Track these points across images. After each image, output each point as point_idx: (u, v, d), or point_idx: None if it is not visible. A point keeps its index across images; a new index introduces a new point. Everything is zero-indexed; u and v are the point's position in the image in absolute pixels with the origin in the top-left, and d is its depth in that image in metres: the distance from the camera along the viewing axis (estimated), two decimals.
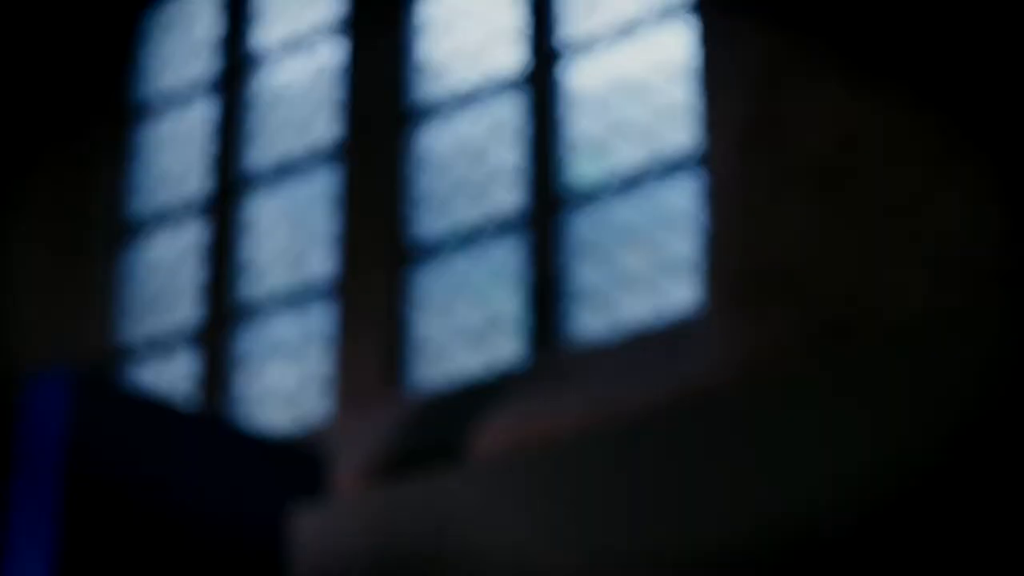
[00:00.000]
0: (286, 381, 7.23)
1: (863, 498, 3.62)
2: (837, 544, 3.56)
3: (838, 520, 3.59)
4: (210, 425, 5.93)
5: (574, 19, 7.04)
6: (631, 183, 6.60)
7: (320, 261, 7.37)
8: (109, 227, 8.00)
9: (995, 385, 3.55)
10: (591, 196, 6.68)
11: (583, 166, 6.77)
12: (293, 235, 7.54)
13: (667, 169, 6.51)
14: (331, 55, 7.75)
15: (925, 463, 3.58)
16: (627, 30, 6.89)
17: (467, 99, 7.23)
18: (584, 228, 6.64)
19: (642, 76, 6.77)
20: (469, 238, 6.92)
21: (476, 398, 6.30)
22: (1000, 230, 4.97)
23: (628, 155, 6.66)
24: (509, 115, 7.07)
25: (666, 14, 6.79)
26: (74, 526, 5.06)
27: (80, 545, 5.00)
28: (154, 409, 5.67)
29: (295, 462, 5.91)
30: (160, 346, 7.69)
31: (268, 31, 8.03)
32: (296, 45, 7.89)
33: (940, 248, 5.15)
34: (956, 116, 5.33)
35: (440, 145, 7.24)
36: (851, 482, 3.66)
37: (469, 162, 7.11)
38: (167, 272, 7.90)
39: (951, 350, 3.62)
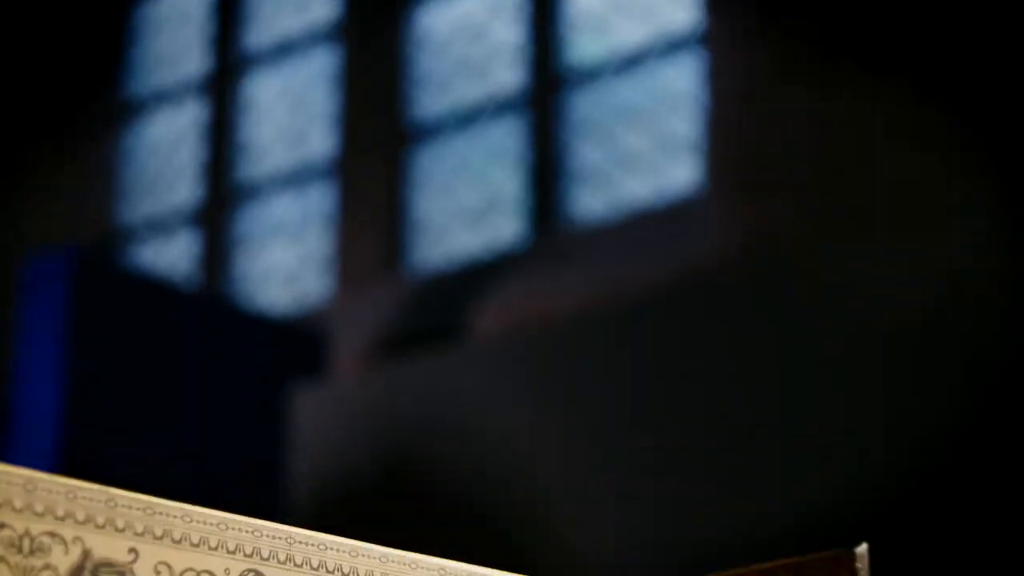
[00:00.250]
0: (286, 261, 7.23)
1: (859, 374, 3.64)
2: (834, 422, 3.59)
3: (835, 397, 3.61)
4: (210, 304, 5.94)
5: None
6: (632, 62, 6.55)
7: (320, 141, 7.34)
8: (109, 107, 7.97)
9: (991, 261, 3.56)
10: (592, 75, 6.63)
11: (584, 45, 6.72)
12: (292, 115, 7.51)
13: (669, 48, 6.46)
14: None
15: (924, 339, 3.59)
16: None
17: None
18: (585, 107, 6.60)
19: None
20: (469, 118, 6.89)
21: (475, 278, 6.31)
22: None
23: (629, 34, 6.60)
24: None
25: None
26: (76, 403, 5.09)
27: (82, 422, 5.03)
28: (154, 288, 5.68)
29: (295, 342, 5.93)
30: (160, 226, 7.69)
31: None
32: None
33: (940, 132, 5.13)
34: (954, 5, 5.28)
35: (440, 24, 7.18)
36: (846, 359, 3.67)
37: (469, 41, 7.05)
38: (167, 152, 7.88)
39: (946, 234, 3.62)
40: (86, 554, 1.41)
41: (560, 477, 4.22)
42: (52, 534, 1.39)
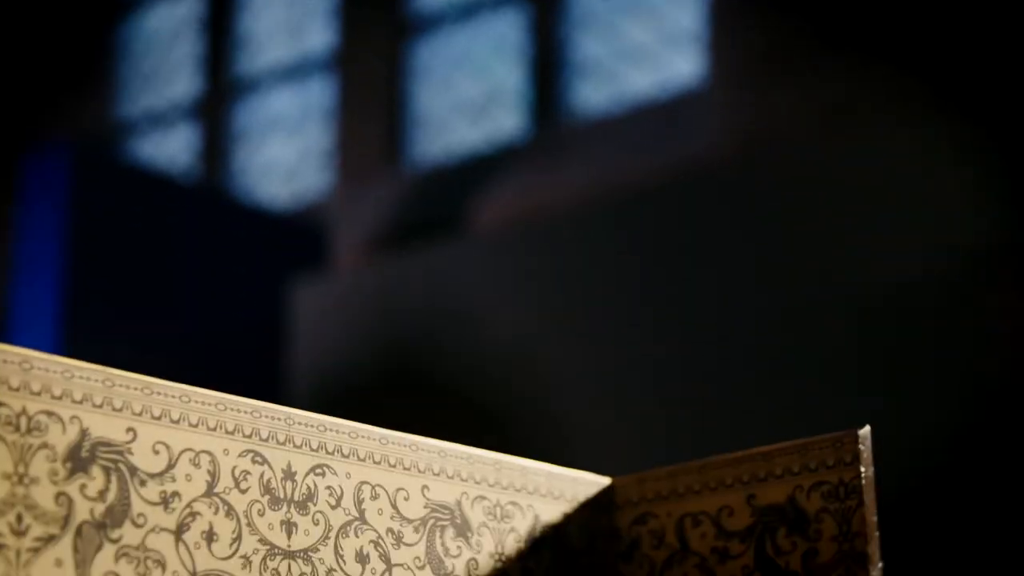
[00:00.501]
0: (285, 155, 7.20)
1: (860, 268, 3.62)
2: (834, 311, 3.58)
3: (830, 291, 3.60)
4: (210, 198, 5.92)
5: None
6: None
7: (319, 34, 7.28)
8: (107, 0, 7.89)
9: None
10: None
11: None
12: (292, 7, 7.44)
13: None
14: None
15: (925, 233, 3.57)
16: None
17: None
18: None
19: None
20: (470, 10, 6.83)
21: (476, 171, 6.28)
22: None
23: None
24: None
25: None
26: (76, 296, 5.08)
27: (82, 314, 5.03)
28: (154, 182, 5.66)
29: (295, 235, 5.92)
30: (159, 120, 7.64)
31: None
32: None
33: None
34: None
35: None
36: (847, 251, 3.65)
37: None
38: (165, 45, 7.81)
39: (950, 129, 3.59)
40: (84, 433, 1.40)
41: (559, 367, 4.22)
42: (49, 413, 1.38)
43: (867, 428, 1.70)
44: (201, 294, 5.50)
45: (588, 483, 1.85)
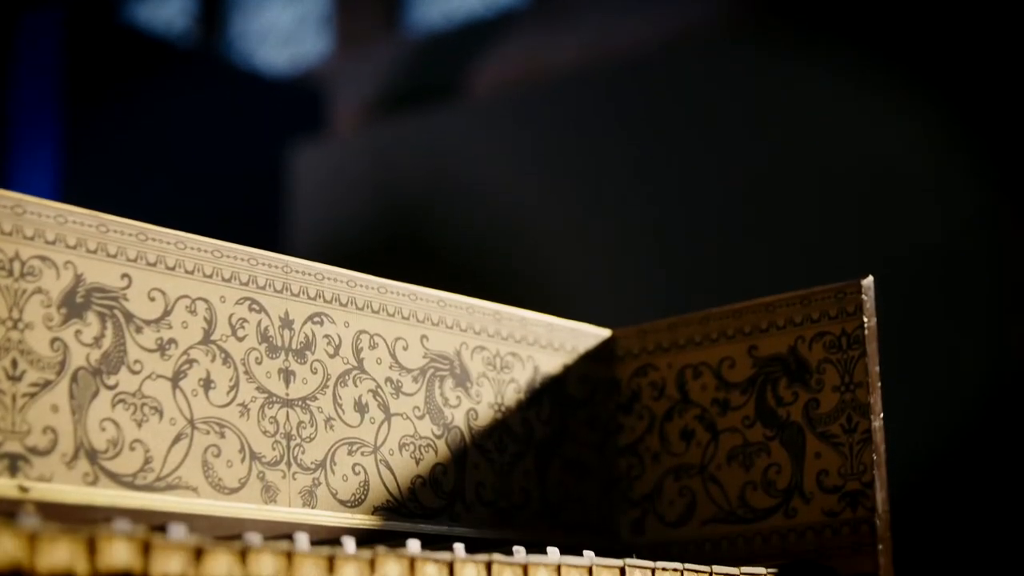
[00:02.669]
0: (283, 19, 7.12)
1: (860, 129, 3.59)
2: (835, 176, 3.55)
3: (829, 146, 3.57)
4: (207, 62, 5.86)
5: None
6: None
7: None
8: None
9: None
10: None
11: None
12: None
13: None
14: None
15: (926, 74, 3.53)
16: None
17: None
18: None
19: None
20: None
21: (475, 36, 6.21)
22: None
23: None
24: None
25: None
26: (72, 162, 5.05)
27: (78, 177, 4.99)
28: (151, 46, 5.60)
29: (294, 100, 5.87)
30: None
31: None
32: None
33: None
34: None
35: None
36: (845, 115, 3.62)
37: None
38: None
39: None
40: (78, 279, 1.38)
41: (558, 227, 4.20)
42: (43, 258, 1.36)
43: (870, 278, 1.69)
44: (198, 161, 5.47)
45: (588, 334, 1.84)
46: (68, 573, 1.06)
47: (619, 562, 1.41)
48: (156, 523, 1.25)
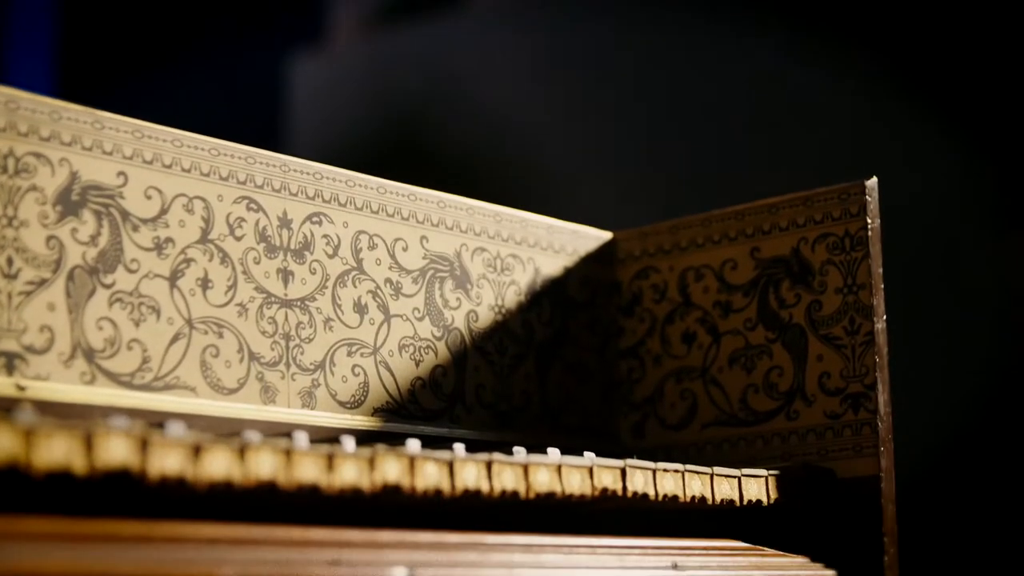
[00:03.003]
0: None
1: (862, 31, 3.57)
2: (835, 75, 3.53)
3: (832, 44, 3.54)
4: None
5: None
6: None
7: None
8: None
9: None
10: None
11: None
12: None
13: None
14: None
15: None
16: None
17: None
18: None
19: None
20: None
21: None
22: None
23: None
24: None
25: None
26: (67, 69, 5.02)
27: (73, 83, 4.96)
28: None
29: (292, 10, 5.82)
30: None
31: None
32: None
33: None
34: None
35: None
36: (845, 11, 3.59)
37: None
38: None
39: None
40: (73, 176, 1.37)
41: (559, 132, 4.18)
42: (37, 155, 1.34)
43: (874, 179, 1.67)
44: (199, 66, 5.44)
45: (589, 237, 1.82)
46: (65, 470, 1.05)
47: (620, 463, 1.41)
48: (154, 423, 1.24)
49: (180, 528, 1.11)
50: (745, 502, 1.52)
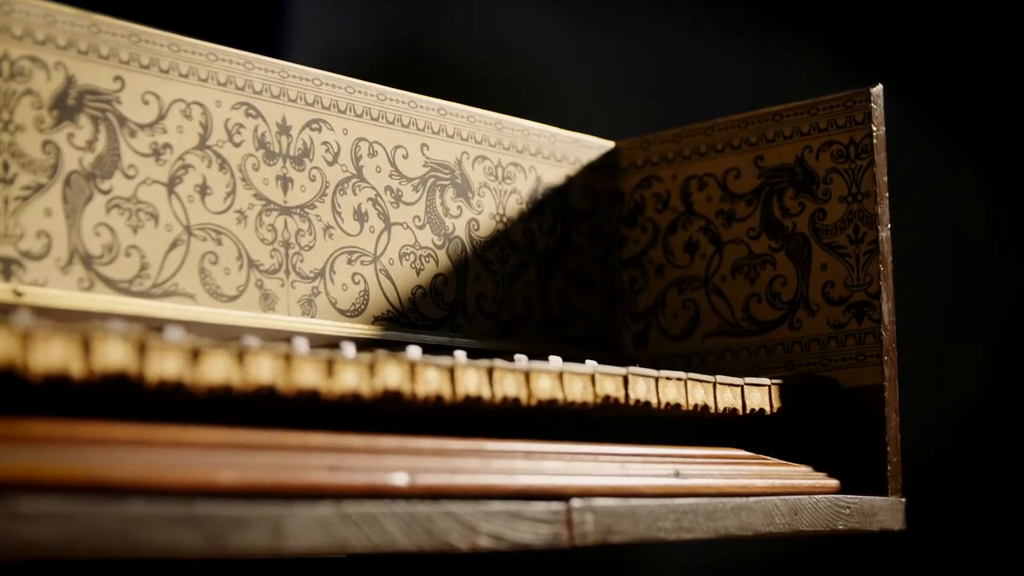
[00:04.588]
0: None
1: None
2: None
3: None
4: None
5: None
6: None
7: None
8: None
9: None
10: None
11: None
12: None
13: None
14: None
15: None
16: None
17: None
18: None
19: None
20: None
21: None
22: None
23: None
24: None
25: None
26: None
27: None
28: None
29: None
30: None
31: None
32: None
33: None
34: None
35: None
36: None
37: None
38: None
39: None
40: (69, 81, 1.35)
41: (561, 41, 4.15)
42: (33, 59, 1.33)
43: (879, 86, 1.65)
44: None
45: (591, 145, 1.81)
46: (62, 373, 1.04)
47: (622, 370, 1.40)
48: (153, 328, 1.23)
49: (179, 432, 1.10)
50: (748, 411, 1.51)
